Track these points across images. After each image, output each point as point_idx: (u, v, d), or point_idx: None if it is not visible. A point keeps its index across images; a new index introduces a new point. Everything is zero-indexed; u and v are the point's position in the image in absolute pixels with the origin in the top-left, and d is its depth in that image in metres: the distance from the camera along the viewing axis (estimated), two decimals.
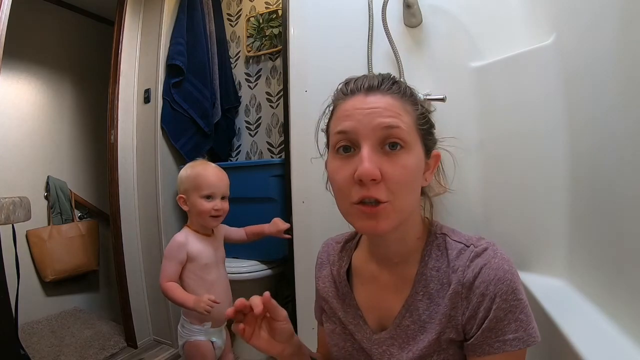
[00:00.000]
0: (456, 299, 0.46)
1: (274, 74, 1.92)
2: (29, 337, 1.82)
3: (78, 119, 2.47)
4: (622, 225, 0.53)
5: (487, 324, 0.43)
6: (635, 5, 0.48)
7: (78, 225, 2.26)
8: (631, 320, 0.50)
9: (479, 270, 0.45)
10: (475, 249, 0.47)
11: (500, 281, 0.43)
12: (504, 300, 0.42)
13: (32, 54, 2.21)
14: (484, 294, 0.43)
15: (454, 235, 0.52)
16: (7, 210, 0.96)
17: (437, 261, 0.50)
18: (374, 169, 0.42)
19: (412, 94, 0.50)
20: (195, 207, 1.06)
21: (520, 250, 0.81)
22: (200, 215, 1.06)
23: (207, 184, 1.05)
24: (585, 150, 0.66)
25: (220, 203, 1.07)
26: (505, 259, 0.45)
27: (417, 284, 0.50)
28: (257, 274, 1.44)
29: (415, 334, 0.49)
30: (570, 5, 0.69)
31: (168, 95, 1.70)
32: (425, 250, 0.51)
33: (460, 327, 0.46)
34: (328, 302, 0.60)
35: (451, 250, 0.49)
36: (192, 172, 1.07)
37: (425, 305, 0.49)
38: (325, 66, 1.11)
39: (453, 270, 0.47)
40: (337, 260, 0.61)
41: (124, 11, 1.76)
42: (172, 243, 1.05)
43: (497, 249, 0.47)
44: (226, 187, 1.10)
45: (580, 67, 0.66)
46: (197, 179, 1.05)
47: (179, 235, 1.07)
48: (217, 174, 1.09)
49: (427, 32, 0.99)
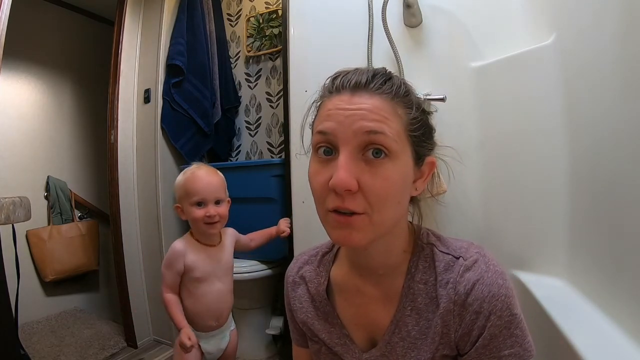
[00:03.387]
0: (448, 316, 0.43)
1: (274, 74, 1.92)
2: (29, 337, 1.82)
3: (78, 119, 2.47)
4: (622, 225, 0.53)
5: (481, 342, 0.41)
6: (635, 5, 0.48)
7: (78, 225, 2.26)
8: (631, 320, 0.50)
9: (471, 286, 0.42)
10: (464, 262, 0.44)
11: (495, 297, 0.41)
12: (498, 317, 0.40)
13: (32, 54, 2.21)
14: (477, 311, 0.41)
15: (441, 245, 0.48)
16: (7, 210, 0.96)
17: (424, 274, 0.47)
18: (350, 179, 0.38)
19: (407, 94, 0.44)
20: (189, 215, 1.01)
21: (520, 250, 0.81)
22: (195, 223, 1.01)
23: (195, 190, 0.99)
24: (585, 150, 0.66)
25: (213, 209, 1.00)
26: (498, 272, 0.43)
27: (404, 298, 0.47)
28: (257, 274, 1.44)
29: (405, 352, 0.46)
30: (570, 5, 0.69)
31: (168, 95, 1.70)
32: (411, 261, 0.48)
33: (453, 343, 0.44)
34: (307, 323, 0.55)
35: (439, 262, 0.46)
36: (182, 180, 1.02)
37: (414, 320, 0.46)
38: (325, 66, 1.09)
39: (441, 284, 0.45)
40: (315, 276, 0.56)
41: (124, 11, 1.76)
42: (170, 252, 1.00)
43: (488, 259, 0.44)
44: (218, 190, 1.02)
45: (580, 67, 0.66)
46: (186, 186, 1.00)
47: (178, 243, 1.02)
48: (206, 178, 1.01)
49: (427, 32, 0.99)
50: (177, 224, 1.82)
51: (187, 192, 1.00)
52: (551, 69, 0.74)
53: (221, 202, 1.04)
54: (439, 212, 0.90)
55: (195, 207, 0.99)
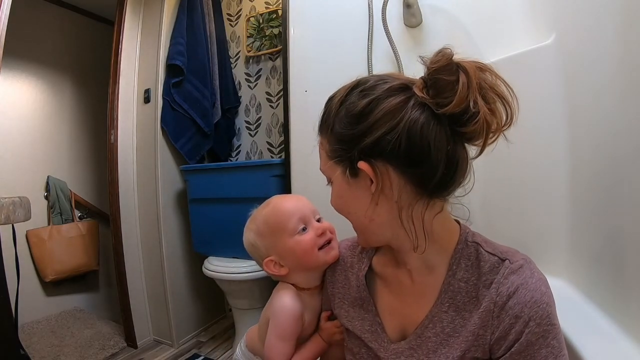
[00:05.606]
0: (487, 317, 0.43)
1: (274, 74, 1.92)
2: (29, 337, 1.82)
3: (78, 119, 2.47)
4: (622, 225, 0.53)
5: (517, 347, 0.40)
6: (635, 5, 0.48)
7: (78, 225, 2.26)
8: (631, 320, 0.50)
9: (514, 289, 0.42)
10: (510, 265, 0.44)
11: (537, 304, 0.40)
12: (537, 325, 0.40)
13: (32, 54, 2.21)
14: (517, 315, 0.40)
15: (487, 246, 0.47)
16: (7, 210, 0.96)
17: (466, 272, 0.46)
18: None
19: (328, 120, 0.47)
20: (295, 252, 0.63)
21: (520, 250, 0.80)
22: (307, 257, 0.62)
23: (288, 213, 0.65)
24: (585, 150, 0.66)
25: (322, 225, 0.65)
26: (542, 280, 0.43)
27: (444, 294, 0.47)
28: (257, 274, 1.44)
29: (436, 347, 0.46)
30: (570, 5, 0.69)
31: (168, 95, 1.70)
32: (453, 258, 0.47)
33: (487, 346, 0.43)
34: (342, 308, 0.57)
35: (484, 263, 0.46)
36: (262, 216, 0.67)
37: (450, 317, 0.46)
38: (325, 66, 1.11)
39: (484, 285, 0.44)
40: (356, 262, 0.57)
41: (124, 11, 1.76)
42: (285, 314, 0.63)
43: (533, 267, 0.44)
44: (310, 204, 0.69)
45: (580, 67, 0.66)
46: (273, 217, 0.66)
47: (290, 300, 0.63)
48: (291, 199, 0.70)
49: (427, 32, 0.99)
50: (177, 224, 1.82)
51: (278, 225, 0.65)
52: (551, 69, 0.74)
53: (322, 219, 0.69)
54: None
55: (299, 235, 0.63)
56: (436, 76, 0.41)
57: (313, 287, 0.67)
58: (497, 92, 0.42)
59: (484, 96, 0.40)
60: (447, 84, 0.40)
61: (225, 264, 1.52)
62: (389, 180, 0.43)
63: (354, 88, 0.46)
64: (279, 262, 0.64)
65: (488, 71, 0.42)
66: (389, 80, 0.45)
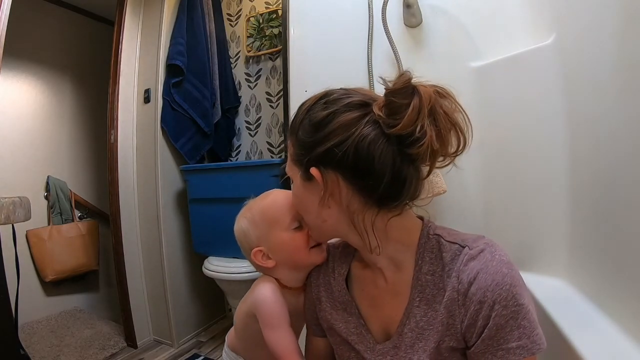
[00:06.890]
0: (452, 306, 0.43)
1: (274, 74, 1.92)
2: (29, 337, 1.82)
3: (78, 119, 2.47)
4: (622, 225, 0.53)
5: (487, 332, 0.40)
6: (635, 5, 0.48)
7: (78, 225, 2.26)
8: (631, 320, 0.50)
9: (474, 275, 0.42)
10: (470, 251, 0.44)
11: (499, 286, 0.40)
12: (503, 307, 0.40)
13: (32, 54, 2.21)
14: (481, 301, 0.41)
15: (448, 235, 0.48)
16: (7, 210, 0.97)
17: (431, 265, 0.47)
18: None
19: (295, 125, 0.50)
20: (287, 247, 0.63)
21: (520, 251, 0.81)
22: (298, 254, 0.62)
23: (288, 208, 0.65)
24: (585, 150, 0.66)
25: None
26: (504, 262, 0.42)
27: (414, 289, 0.48)
28: (257, 274, 1.44)
29: (413, 342, 0.47)
30: (570, 5, 0.69)
31: (168, 95, 1.70)
32: (418, 253, 0.49)
33: (460, 335, 0.43)
34: (326, 311, 0.57)
35: (445, 253, 0.46)
36: (260, 207, 0.69)
37: (422, 311, 0.47)
38: (325, 66, 1.10)
39: (448, 274, 0.45)
40: (337, 266, 0.58)
41: (124, 11, 1.76)
42: (269, 301, 0.62)
43: (495, 250, 0.44)
44: None
45: (580, 67, 0.66)
46: (271, 210, 0.67)
47: (271, 290, 0.63)
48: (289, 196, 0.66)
49: (427, 32, 0.98)
50: (177, 224, 1.82)
51: (275, 217, 0.65)
52: (551, 69, 0.74)
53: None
54: (439, 212, 0.90)
55: (293, 233, 0.63)
56: (391, 98, 0.42)
57: (295, 287, 0.67)
58: (451, 120, 0.43)
59: (436, 121, 0.42)
60: (400, 106, 0.41)
61: (225, 264, 1.52)
62: (338, 187, 0.46)
63: (321, 98, 0.48)
64: (267, 253, 0.64)
65: (448, 98, 0.44)
66: (353, 95, 0.47)
